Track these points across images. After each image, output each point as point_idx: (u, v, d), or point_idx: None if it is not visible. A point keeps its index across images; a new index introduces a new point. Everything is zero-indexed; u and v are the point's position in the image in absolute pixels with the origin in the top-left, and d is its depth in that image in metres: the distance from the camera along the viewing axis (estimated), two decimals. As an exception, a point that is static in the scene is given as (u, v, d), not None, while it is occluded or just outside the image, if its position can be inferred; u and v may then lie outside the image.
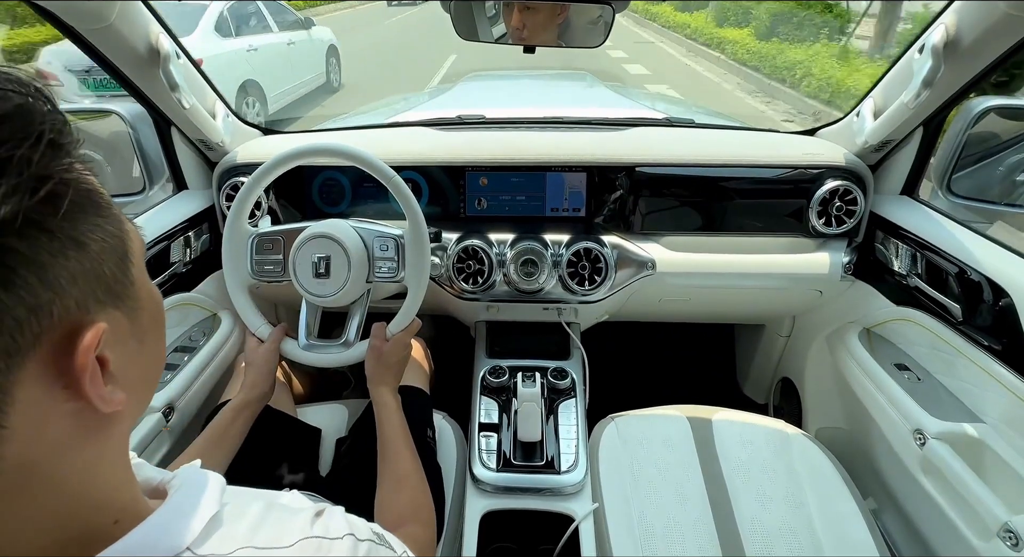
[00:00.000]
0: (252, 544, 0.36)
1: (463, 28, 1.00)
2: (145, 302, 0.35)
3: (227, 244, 0.95)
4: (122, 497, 0.34)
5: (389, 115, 1.55)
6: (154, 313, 0.37)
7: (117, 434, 0.34)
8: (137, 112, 1.13)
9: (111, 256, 0.32)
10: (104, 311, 0.31)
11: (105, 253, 0.31)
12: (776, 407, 1.53)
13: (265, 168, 0.92)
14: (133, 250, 0.34)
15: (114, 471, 0.34)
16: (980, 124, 1.12)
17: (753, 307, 1.37)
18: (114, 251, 0.32)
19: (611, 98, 1.95)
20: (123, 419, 0.34)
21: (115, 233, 0.32)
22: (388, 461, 0.78)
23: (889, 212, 1.12)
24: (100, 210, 0.32)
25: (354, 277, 0.90)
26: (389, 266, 0.94)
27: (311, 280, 0.91)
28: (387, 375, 0.89)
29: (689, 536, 0.86)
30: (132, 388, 0.33)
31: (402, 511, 0.72)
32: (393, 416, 0.84)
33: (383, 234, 0.94)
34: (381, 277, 0.94)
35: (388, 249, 0.93)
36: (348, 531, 0.42)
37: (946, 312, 0.98)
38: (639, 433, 1.02)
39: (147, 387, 0.38)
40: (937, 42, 0.85)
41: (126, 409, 0.33)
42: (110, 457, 0.34)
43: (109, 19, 0.84)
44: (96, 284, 0.30)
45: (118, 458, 0.35)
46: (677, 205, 1.20)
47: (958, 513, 0.83)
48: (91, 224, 0.31)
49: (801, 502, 0.91)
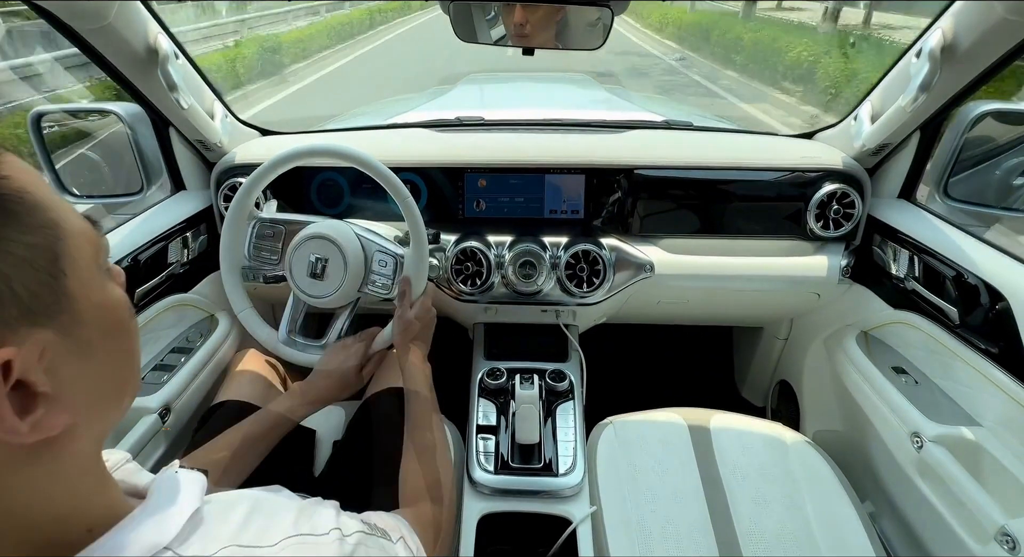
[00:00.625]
0: (236, 543, 0.36)
1: (462, 30, 1.00)
2: (87, 314, 0.32)
3: (225, 246, 0.94)
4: (95, 506, 0.33)
5: (388, 116, 1.55)
6: (105, 324, 0.33)
7: (74, 451, 0.32)
8: (135, 112, 1.12)
9: (26, 272, 0.28)
10: (18, 333, 0.28)
11: (18, 270, 0.28)
12: (774, 410, 1.53)
13: (263, 169, 0.92)
14: (70, 258, 0.31)
15: (80, 483, 0.33)
16: (977, 128, 1.13)
17: (751, 310, 1.38)
18: (33, 265, 0.29)
19: (610, 100, 1.96)
20: (78, 435, 0.32)
21: (38, 243, 0.29)
22: (417, 430, 0.78)
23: (886, 215, 1.12)
24: (16, 218, 0.29)
25: (347, 285, 0.91)
26: (383, 282, 0.94)
27: (304, 278, 0.91)
28: (415, 342, 0.90)
29: (687, 539, 0.86)
30: (83, 405, 0.32)
31: (421, 485, 0.72)
32: (423, 384, 0.84)
33: (385, 250, 0.94)
34: (373, 290, 0.94)
35: (386, 266, 0.94)
36: (334, 526, 0.42)
37: (943, 315, 0.98)
38: (637, 435, 1.02)
39: (107, 401, 0.35)
40: (934, 46, 0.86)
41: (80, 425, 0.31)
42: (70, 472, 0.32)
43: (107, 18, 0.84)
44: (2, 305, 0.27)
45: (82, 472, 0.33)
46: (675, 208, 1.20)
47: (955, 516, 0.83)
48: (1, 239, 0.28)
49: (798, 505, 0.91)
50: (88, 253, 0.32)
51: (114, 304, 0.35)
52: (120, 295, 0.36)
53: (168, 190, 1.22)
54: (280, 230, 0.95)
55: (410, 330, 0.90)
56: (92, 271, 0.33)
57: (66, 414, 0.30)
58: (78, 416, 0.31)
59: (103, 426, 0.36)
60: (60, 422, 0.30)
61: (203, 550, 0.34)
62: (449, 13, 0.96)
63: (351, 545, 0.42)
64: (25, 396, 0.28)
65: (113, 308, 0.35)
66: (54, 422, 0.29)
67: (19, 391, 0.28)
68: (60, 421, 0.30)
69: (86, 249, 0.32)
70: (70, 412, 0.30)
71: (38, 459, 0.30)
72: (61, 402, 0.30)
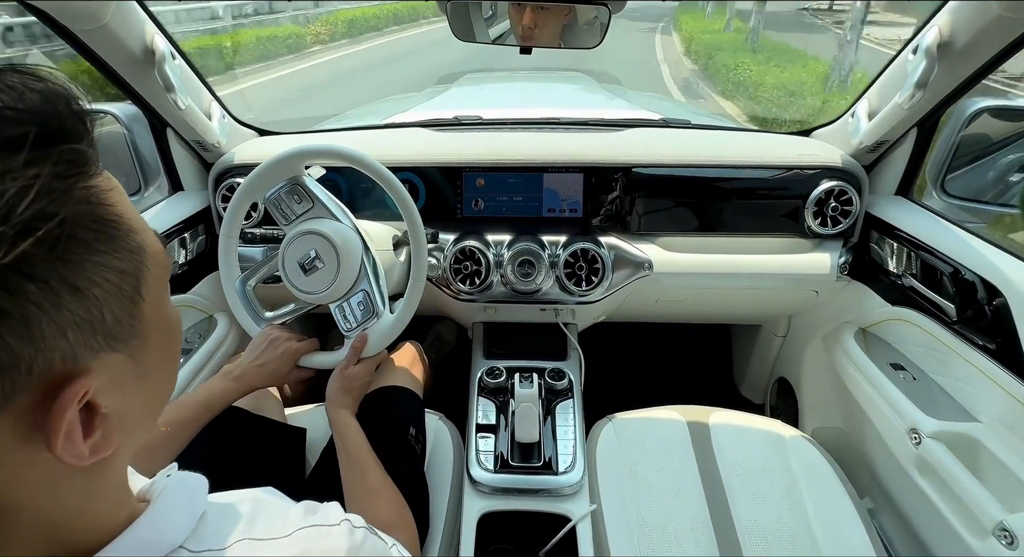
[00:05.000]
0: (249, 536, 0.36)
1: (460, 29, 1.00)
2: (154, 337, 0.32)
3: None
4: (118, 516, 0.33)
5: (386, 116, 1.55)
6: (165, 345, 0.33)
7: (116, 466, 0.32)
8: (132, 113, 1.12)
9: (116, 299, 0.28)
10: (98, 358, 0.28)
11: (109, 296, 0.27)
12: (773, 407, 1.53)
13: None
14: (149, 281, 0.30)
15: (112, 496, 0.33)
16: (973, 125, 1.13)
17: (749, 307, 1.38)
18: (121, 292, 0.28)
19: (608, 99, 1.96)
20: (123, 452, 0.32)
21: (127, 269, 0.29)
22: (356, 478, 0.77)
23: (884, 212, 1.13)
24: (113, 243, 0.28)
25: (322, 295, 0.88)
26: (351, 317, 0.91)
27: (293, 263, 0.88)
28: (347, 398, 0.87)
29: (687, 536, 0.86)
30: (133, 422, 0.32)
31: (382, 520, 0.71)
32: (355, 435, 0.82)
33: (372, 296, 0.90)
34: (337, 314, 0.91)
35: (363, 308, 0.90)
36: (344, 517, 0.42)
37: (941, 312, 0.98)
38: (636, 433, 1.02)
39: (152, 414, 0.35)
40: (931, 43, 0.86)
41: (127, 442, 0.31)
42: (106, 486, 0.32)
43: (103, 19, 0.83)
44: (92, 332, 0.27)
45: (115, 485, 0.33)
46: (674, 206, 1.20)
47: (954, 512, 0.84)
48: (97, 264, 0.27)
49: (798, 502, 0.91)
50: (160, 274, 0.32)
51: (175, 325, 0.35)
52: (177, 314, 0.35)
53: (166, 191, 1.22)
54: (309, 205, 0.91)
55: (347, 386, 0.87)
56: (160, 292, 0.32)
57: (120, 434, 0.30)
58: (126, 436, 0.31)
59: (142, 438, 0.36)
60: (114, 443, 0.29)
61: (216, 545, 0.34)
62: (446, 12, 0.96)
63: (360, 537, 0.43)
64: (88, 419, 0.28)
65: (171, 329, 0.34)
66: (110, 443, 0.29)
67: (84, 411, 0.28)
68: (114, 442, 0.29)
69: (159, 272, 0.32)
70: (122, 432, 0.30)
71: (86, 473, 0.29)
72: (116, 424, 0.29)
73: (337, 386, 0.88)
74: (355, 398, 0.90)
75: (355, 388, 0.89)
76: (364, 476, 0.77)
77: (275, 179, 0.91)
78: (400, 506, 0.75)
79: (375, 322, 0.90)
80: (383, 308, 0.91)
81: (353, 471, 0.78)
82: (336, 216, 0.91)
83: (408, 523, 0.74)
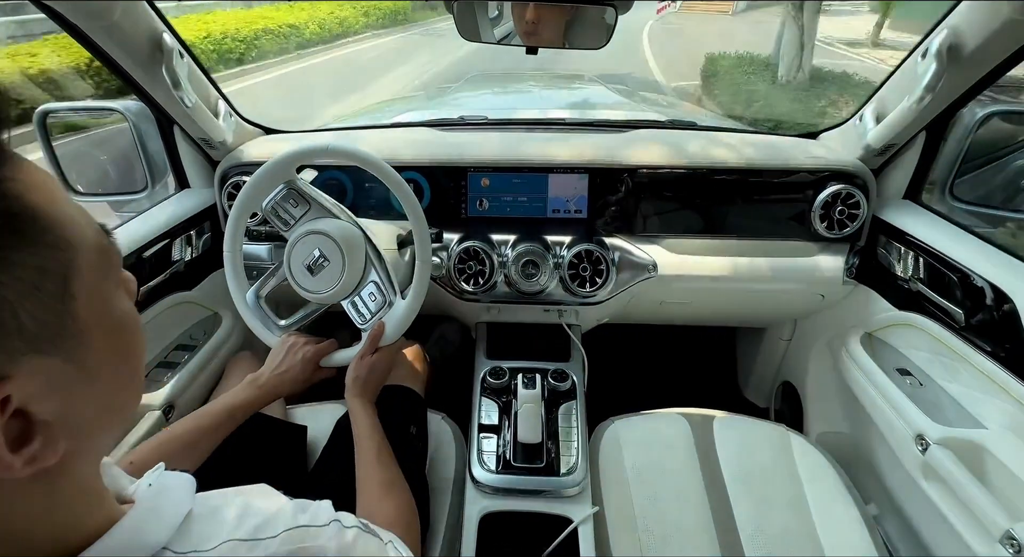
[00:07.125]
0: (235, 537, 0.36)
1: (466, 29, 1.00)
2: (95, 337, 0.29)
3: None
4: (94, 519, 0.33)
5: (391, 115, 1.55)
6: (115, 345, 0.31)
7: (73, 473, 0.31)
8: (139, 110, 1.13)
9: (35, 299, 0.26)
10: (20, 363, 0.26)
11: (25, 297, 0.25)
12: (777, 411, 1.52)
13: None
14: (81, 279, 0.28)
15: (80, 501, 0.32)
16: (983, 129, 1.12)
17: (755, 310, 1.37)
18: (39, 290, 0.26)
19: (614, 100, 1.96)
20: (78, 458, 0.31)
21: (49, 267, 0.27)
22: (372, 470, 0.77)
23: (892, 216, 1.12)
24: (27, 239, 0.26)
25: (330, 294, 0.89)
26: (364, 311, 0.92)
27: (299, 265, 0.89)
28: (364, 387, 0.87)
29: (690, 540, 0.86)
30: (84, 429, 0.30)
31: (387, 518, 0.71)
32: (370, 427, 0.82)
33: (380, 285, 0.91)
34: (351, 310, 0.93)
35: (375, 300, 0.92)
36: (334, 517, 0.42)
37: (949, 317, 0.97)
38: (640, 436, 1.02)
39: (110, 421, 0.33)
40: (940, 46, 0.85)
41: (81, 448, 0.30)
42: (69, 494, 0.31)
43: (112, 17, 0.84)
44: (5, 336, 0.25)
45: (81, 491, 0.32)
46: (679, 208, 1.19)
47: (960, 519, 0.83)
48: (9, 263, 0.25)
49: (802, 507, 0.90)
50: (100, 270, 0.30)
51: (123, 323, 0.32)
52: (128, 310, 0.33)
53: (172, 188, 1.22)
54: (306, 207, 0.92)
55: (366, 377, 0.87)
56: (102, 289, 0.30)
57: (65, 441, 0.28)
58: (79, 441, 0.30)
59: (103, 445, 0.34)
60: (58, 451, 0.28)
61: (202, 546, 0.34)
62: (453, 12, 0.96)
63: (351, 537, 0.42)
64: (23, 426, 0.27)
65: (121, 328, 0.32)
66: (51, 452, 0.28)
67: (17, 419, 0.26)
68: (57, 450, 0.28)
69: (98, 265, 0.30)
70: (71, 438, 0.29)
71: (36, 487, 0.29)
72: (61, 430, 0.28)
73: (354, 376, 0.88)
74: (373, 388, 0.90)
75: (373, 378, 0.89)
76: (381, 470, 0.77)
77: (271, 185, 0.92)
78: (408, 507, 0.75)
79: (389, 311, 0.91)
80: (395, 295, 0.92)
81: (369, 462, 0.78)
82: (334, 213, 0.92)
83: (412, 523, 0.73)
